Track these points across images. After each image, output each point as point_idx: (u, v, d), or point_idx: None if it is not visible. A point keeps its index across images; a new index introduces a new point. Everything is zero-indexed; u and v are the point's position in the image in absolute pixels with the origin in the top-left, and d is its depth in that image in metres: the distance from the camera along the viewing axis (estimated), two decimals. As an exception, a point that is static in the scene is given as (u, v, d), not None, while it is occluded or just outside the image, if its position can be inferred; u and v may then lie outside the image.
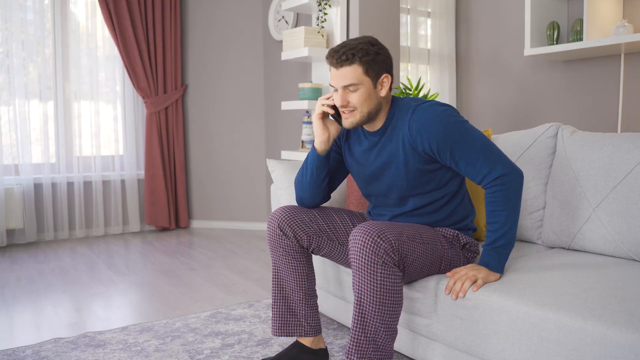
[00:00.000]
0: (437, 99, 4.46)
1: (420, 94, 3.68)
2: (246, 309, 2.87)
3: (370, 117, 1.89)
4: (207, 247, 4.39)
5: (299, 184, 2.10)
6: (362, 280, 1.69)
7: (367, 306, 1.69)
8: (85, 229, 4.88)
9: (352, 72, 1.81)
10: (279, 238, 2.05)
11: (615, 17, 3.24)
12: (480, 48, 4.11)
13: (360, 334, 1.70)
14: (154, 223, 5.02)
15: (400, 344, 2.03)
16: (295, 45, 3.76)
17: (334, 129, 2.01)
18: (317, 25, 3.80)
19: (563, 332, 1.42)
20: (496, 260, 1.79)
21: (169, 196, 5.08)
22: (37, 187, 4.67)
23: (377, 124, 1.94)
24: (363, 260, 1.68)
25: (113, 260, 3.96)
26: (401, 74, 4.32)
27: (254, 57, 5.11)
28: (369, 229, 1.69)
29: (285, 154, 3.89)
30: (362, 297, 1.69)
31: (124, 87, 4.97)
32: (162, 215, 5.03)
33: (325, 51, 3.68)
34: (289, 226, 2.02)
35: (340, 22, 3.71)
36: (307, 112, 3.75)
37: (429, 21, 4.47)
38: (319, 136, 2.00)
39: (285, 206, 2.10)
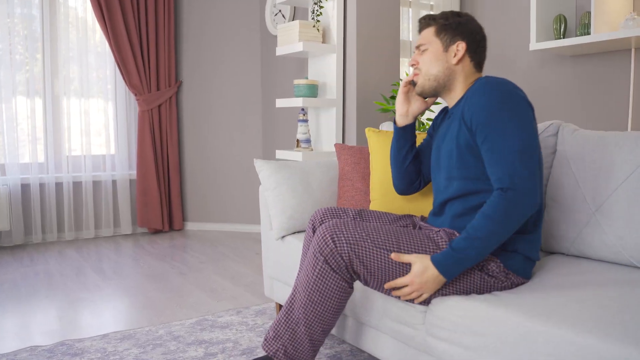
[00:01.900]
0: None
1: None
2: (233, 316, 2.83)
3: (438, 84, 1.91)
4: (199, 251, 4.35)
5: (392, 168, 2.17)
6: (304, 270, 1.79)
7: (298, 296, 1.79)
8: (75, 231, 4.86)
9: (426, 34, 1.91)
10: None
11: (625, 10, 3.18)
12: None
13: (284, 317, 1.82)
14: (146, 225, 4.99)
15: (388, 354, 1.98)
16: (290, 40, 3.72)
17: (416, 105, 2.06)
18: (313, 19, 3.75)
19: (552, 345, 1.37)
20: (452, 269, 1.68)
21: (162, 197, 5.04)
22: (25, 187, 4.65)
23: (454, 98, 1.93)
24: (311, 253, 1.77)
25: (101, 264, 3.93)
26: (401, 69, 4.26)
27: (250, 53, 5.07)
28: (329, 227, 1.74)
29: (279, 154, 3.85)
30: (298, 286, 1.81)
31: (115, 84, 4.94)
32: (154, 217, 5.00)
33: (321, 46, 3.63)
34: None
35: (337, 16, 3.66)
36: (303, 109, 3.70)
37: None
38: (398, 109, 2.07)
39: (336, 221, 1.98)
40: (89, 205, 4.87)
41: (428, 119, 3.48)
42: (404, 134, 2.09)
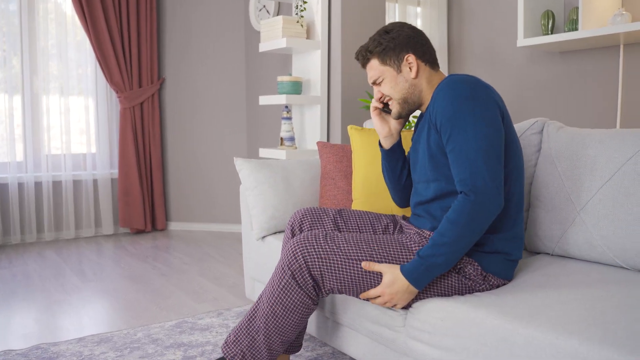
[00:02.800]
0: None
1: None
2: (214, 318, 2.80)
3: (412, 102, 1.91)
4: (182, 251, 4.32)
5: (386, 183, 2.16)
6: (270, 281, 1.80)
7: (262, 305, 1.80)
8: (55, 231, 4.81)
9: (373, 68, 1.92)
10: None
11: (613, 5, 3.18)
12: (473, 39, 4.04)
13: (246, 323, 1.83)
14: (128, 225, 4.95)
15: (369, 357, 1.96)
16: (274, 35, 3.70)
17: (394, 122, 2.03)
18: (296, 14, 3.73)
19: (533, 347, 1.36)
20: (422, 278, 1.66)
21: (144, 197, 5.00)
22: (3, 187, 4.59)
23: (425, 104, 1.94)
24: (279, 266, 1.77)
25: (81, 266, 3.90)
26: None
27: (234, 49, 5.04)
28: (299, 243, 1.74)
29: (263, 152, 3.82)
30: (264, 294, 1.81)
31: (96, 81, 4.89)
32: (137, 217, 4.96)
33: (306, 42, 3.61)
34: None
35: (321, 11, 3.64)
36: (287, 107, 3.68)
37: (419, 10, 4.40)
38: (380, 132, 2.04)
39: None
40: (69, 205, 4.82)
41: (414, 116, 3.46)
42: (394, 154, 2.05)
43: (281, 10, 4.50)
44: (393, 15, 4.26)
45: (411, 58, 1.85)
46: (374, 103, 2.00)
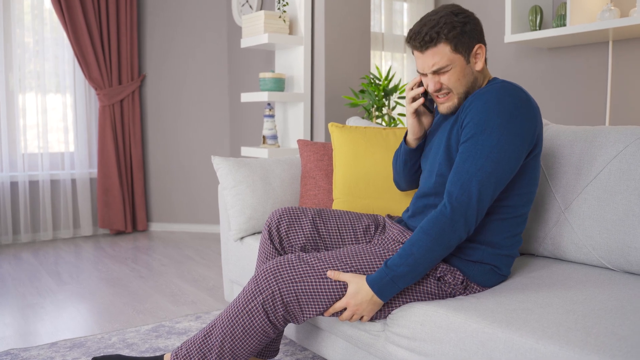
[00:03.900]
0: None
1: (391, 85, 3.59)
2: (192, 322, 2.77)
3: (467, 96, 1.75)
4: (162, 253, 4.28)
5: (394, 167, 2.08)
6: (234, 300, 1.74)
7: (220, 323, 1.73)
8: (32, 233, 4.75)
9: (441, 53, 1.68)
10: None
11: (602, 1, 3.17)
12: (460, 35, 4.02)
13: (200, 339, 1.75)
14: (108, 226, 4.90)
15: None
16: (256, 31, 3.66)
17: (427, 121, 1.92)
18: (278, 9, 3.69)
19: (513, 352, 1.33)
20: (387, 289, 1.63)
21: (124, 197, 4.95)
22: (-23, 187, 4.54)
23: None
24: (249, 289, 1.70)
25: (57, 268, 3.84)
26: (372, 62, 4.23)
27: (217, 45, 5.00)
28: (272, 269, 1.69)
29: (245, 151, 3.79)
30: (225, 313, 1.74)
31: (74, 77, 4.83)
32: (117, 217, 4.91)
33: (288, 37, 3.58)
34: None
35: (304, 6, 3.61)
36: (269, 104, 3.65)
37: (406, 6, 4.38)
38: (415, 133, 1.92)
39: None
40: (46, 205, 4.76)
41: (400, 114, 3.44)
42: (416, 152, 1.98)
43: (264, 5, 4.46)
44: (379, 10, 4.24)
45: (481, 49, 1.71)
46: (414, 93, 1.83)
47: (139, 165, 5.03)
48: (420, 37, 1.67)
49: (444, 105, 1.76)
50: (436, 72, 1.71)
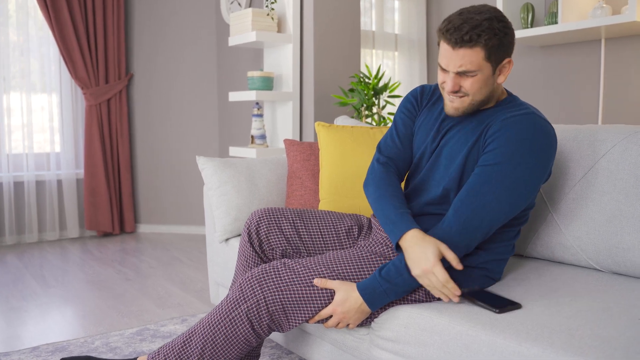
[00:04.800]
0: (406, 87, 4.37)
1: (381, 84, 3.59)
2: (178, 325, 2.76)
3: (480, 106, 1.71)
4: (150, 255, 4.26)
5: (366, 193, 1.88)
6: (217, 307, 1.72)
7: (200, 330, 1.72)
8: (17, 235, 4.73)
9: (473, 57, 1.59)
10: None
11: (594, -2, 3.18)
12: (452, 33, 4.02)
13: (179, 346, 1.74)
14: (94, 228, 4.89)
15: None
16: (243, 29, 3.65)
17: None
18: (267, 7, 3.69)
19: (497, 355, 1.33)
20: (378, 299, 1.63)
21: (111, 198, 4.94)
22: (-39, 188, 4.52)
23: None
24: (233, 298, 1.69)
25: (42, 271, 3.83)
26: (362, 61, 4.22)
27: (205, 44, 4.99)
28: (257, 277, 1.67)
29: (233, 151, 3.78)
30: (206, 320, 1.73)
31: (60, 76, 4.81)
32: (104, 219, 4.89)
33: (277, 36, 3.57)
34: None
35: (292, 3, 3.60)
36: (257, 103, 3.64)
37: (397, 3, 4.38)
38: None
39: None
40: (31, 207, 4.74)
41: (390, 113, 3.44)
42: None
43: (253, 2, 4.46)
44: (369, 9, 4.23)
45: (509, 64, 1.66)
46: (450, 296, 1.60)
47: (127, 166, 5.01)
48: (459, 34, 1.58)
49: (453, 107, 1.70)
50: (460, 74, 1.63)
